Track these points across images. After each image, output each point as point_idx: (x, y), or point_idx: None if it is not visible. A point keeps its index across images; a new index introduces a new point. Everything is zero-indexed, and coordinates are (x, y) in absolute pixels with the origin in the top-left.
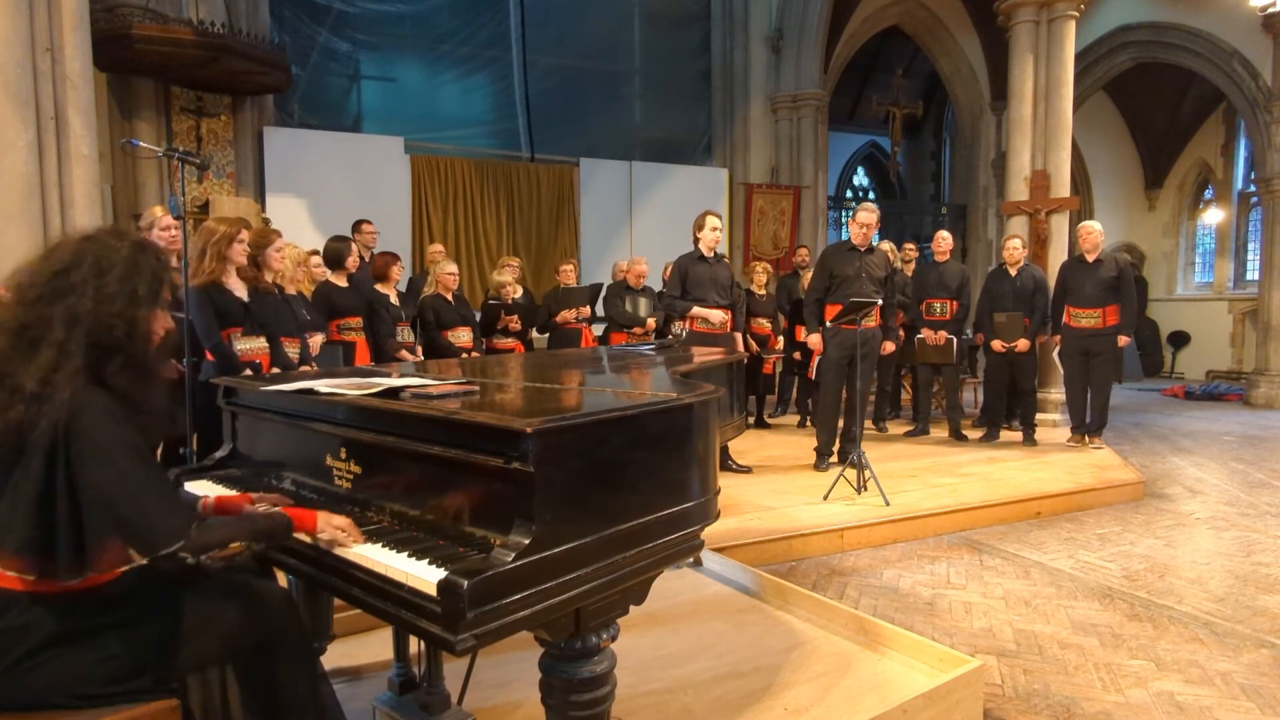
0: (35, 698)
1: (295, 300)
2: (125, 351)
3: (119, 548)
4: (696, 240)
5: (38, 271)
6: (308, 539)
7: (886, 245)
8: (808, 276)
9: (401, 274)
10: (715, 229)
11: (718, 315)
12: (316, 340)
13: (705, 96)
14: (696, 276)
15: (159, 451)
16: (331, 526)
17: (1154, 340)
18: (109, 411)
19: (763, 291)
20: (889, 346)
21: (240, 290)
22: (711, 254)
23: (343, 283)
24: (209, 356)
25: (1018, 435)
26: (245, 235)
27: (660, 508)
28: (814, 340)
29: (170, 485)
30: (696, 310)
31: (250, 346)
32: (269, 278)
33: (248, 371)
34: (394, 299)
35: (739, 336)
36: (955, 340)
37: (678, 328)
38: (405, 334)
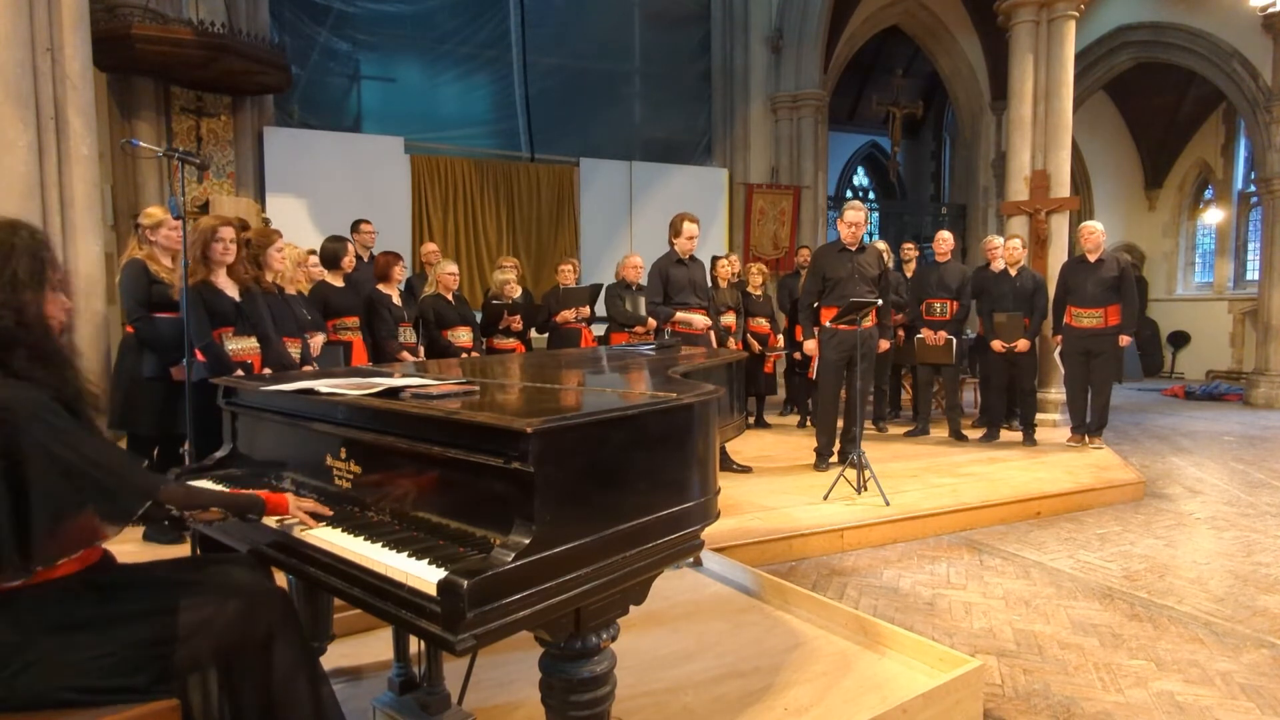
0: (34, 694)
1: (295, 300)
2: (23, 342)
3: (74, 534)
4: (672, 244)
5: None
6: (274, 523)
7: (881, 245)
8: None
9: (403, 274)
10: (692, 236)
11: (700, 319)
12: (317, 340)
13: (705, 96)
14: (677, 280)
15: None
16: (301, 509)
17: (1154, 340)
18: (35, 396)
19: (759, 292)
20: (884, 344)
21: (231, 289)
22: (688, 256)
23: (338, 283)
24: (200, 356)
25: (1018, 435)
26: (227, 234)
27: (660, 508)
28: (810, 345)
29: (127, 451)
30: (680, 315)
31: (241, 346)
32: (270, 277)
33: (239, 372)
34: (396, 299)
35: (713, 335)
36: (955, 340)
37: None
38: (408, 334)
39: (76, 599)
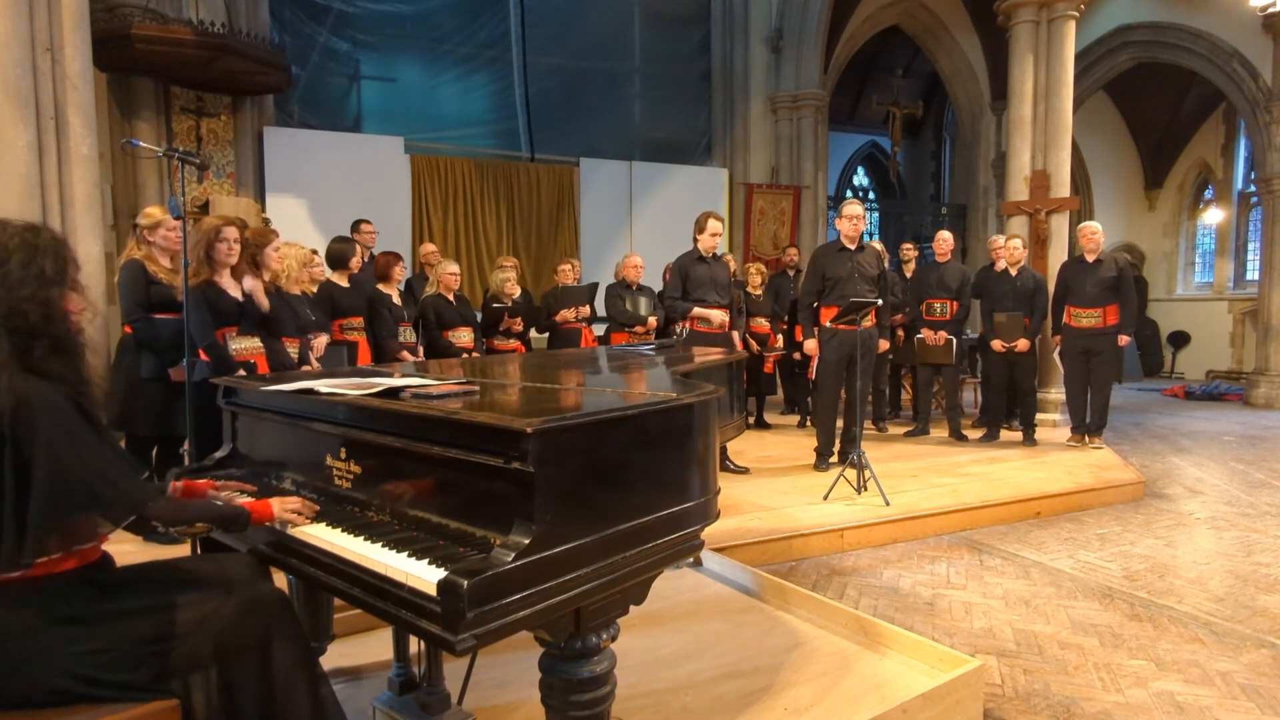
0: (35, 684)
1: (297, 300)
2: (47, 335)
3: (70, 532)
4: (696, 241)
5: None
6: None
7: (878, 245)
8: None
9: (403, 274)
10: (716, 234)
11: (718, 315)
12: (321, 341)
13: (705, 96)
14: (697, 277)
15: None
16: (286, 511)
17: (1154, 340)
18: (52, 395)
19: (758, 292)
20: (883, 344)
21: (235, 290)
22: (710, 254)
23: (345, 283)
24: (203, 356)
25: (1018, 435)
26: (231, 234)
27: (660, 508)
28: (810, 345)
29: (128, 458)
30: (697, 311)
31: (245, 346)
32: (267, 277)
33: (241, 372)
34: (396, 299)
35: (735, 335)
36: (955, 340)
37: (679, 327)
38: (407, 334)
39: (76, 594)
